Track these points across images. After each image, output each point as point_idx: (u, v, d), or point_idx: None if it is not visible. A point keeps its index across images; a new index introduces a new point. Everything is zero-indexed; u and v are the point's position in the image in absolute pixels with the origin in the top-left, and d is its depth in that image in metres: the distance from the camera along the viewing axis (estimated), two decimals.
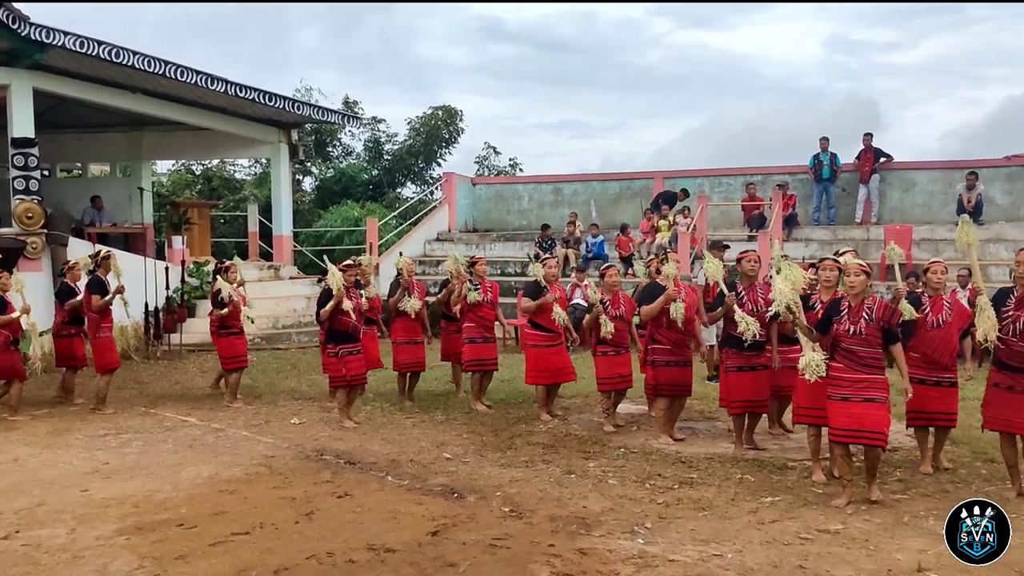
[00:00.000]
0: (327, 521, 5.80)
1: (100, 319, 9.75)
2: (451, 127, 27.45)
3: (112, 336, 10.01)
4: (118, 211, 18.38)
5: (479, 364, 9.69)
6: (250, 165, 27.87)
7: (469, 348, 9.68)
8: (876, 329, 6.12)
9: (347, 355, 8.79)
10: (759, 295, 7.60)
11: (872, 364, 6.13)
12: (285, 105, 16.71)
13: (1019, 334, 6.22)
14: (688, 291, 8.30)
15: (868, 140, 18.02)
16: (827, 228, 17.98)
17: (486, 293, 9.72)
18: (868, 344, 6.13)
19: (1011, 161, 17.52)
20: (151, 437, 8.47)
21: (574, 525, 5.69)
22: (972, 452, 7.61)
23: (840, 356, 6.24)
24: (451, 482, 6.74)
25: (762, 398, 7.69)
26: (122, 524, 5.78)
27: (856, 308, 6.21)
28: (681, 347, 8.09)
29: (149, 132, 18.74)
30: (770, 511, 6.01)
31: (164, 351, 14.12)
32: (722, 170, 20.29)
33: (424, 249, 20.13)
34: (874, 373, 6.12)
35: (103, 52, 12.79)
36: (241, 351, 10.33)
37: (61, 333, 10.33)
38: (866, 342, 6.13)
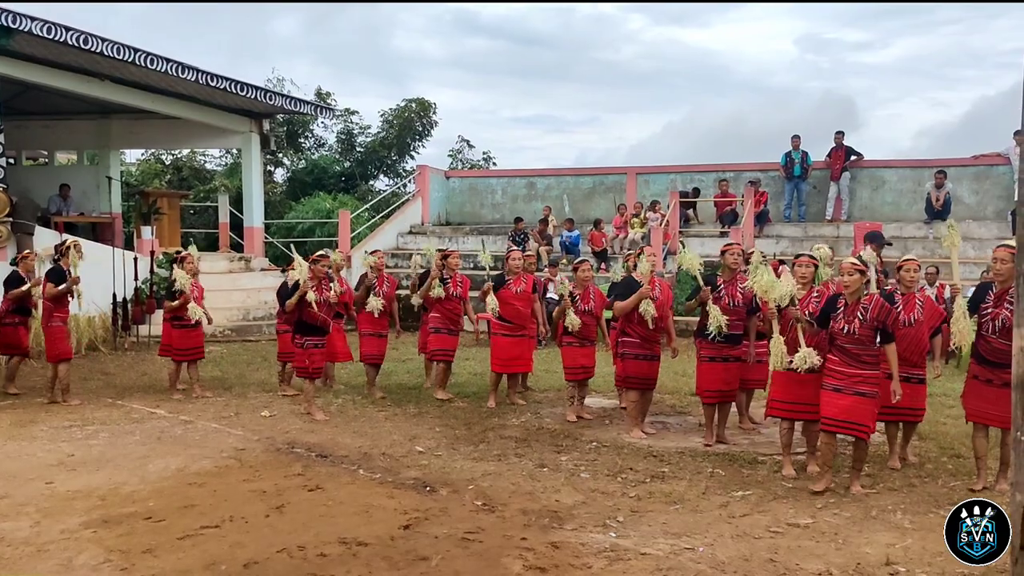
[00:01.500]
0: (298, 514, 5.75)
1: (54, 308, 9.60)
2: (425, 120, 27.37)
3: (65, 326, 9.79)
4: (86, 200, 18.11)
5: (442, 354, 9.84)
6: (221, 155, 27.65)
7: (434, 338, 9.88)
8: (869, 328, 6.21)
9: (312, 347, 8.80)
10: (738, 290, 7.65)
11: (866, 360, 6.25)
12: (257, 95, 16.54)
13: (998, 331, 6.32)
14: (663, 287, 8.33)
15: (839, 138, 18.20)
16: (798, 225, 18.14)
17: (456, 287, 9.75)
18: (861, 343, 6.24)
19: (978, 161, 17.77)
20: (118, 429, 8.35)
21: (546, 519, 5.69)
22: (939, 447, 7.71)
23: (836, 351, 6.36)
24: (423, 475, 6.71)
25: (731, 388, 7.83)
26: (88, 517, 5.69)
27: (852, 307, 6.29)
28: (650, 342, 8.13)
29: (118, 120, 18.47)
30: (741, 505, 6.04)
31: (132, 342, 13.95)
32: (694, 166, 20.40)
33: (396, 242, 20.07)
34: (867, 368, 6.24)
35: (71, 38, 12.57)
36: (196, 343, 10.15)
37: (5, 321, 10.17)
38: (859, 341, 6.24)
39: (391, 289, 10.23)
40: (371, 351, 10.03)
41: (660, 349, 8.27)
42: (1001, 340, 6.24)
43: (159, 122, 18.28)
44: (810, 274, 6.92)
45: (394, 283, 10.44)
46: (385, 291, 10.09)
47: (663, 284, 8.44)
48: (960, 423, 7.81)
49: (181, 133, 19.38)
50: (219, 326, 14.60)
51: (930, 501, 6.12)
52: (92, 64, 14.04)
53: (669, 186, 19.39)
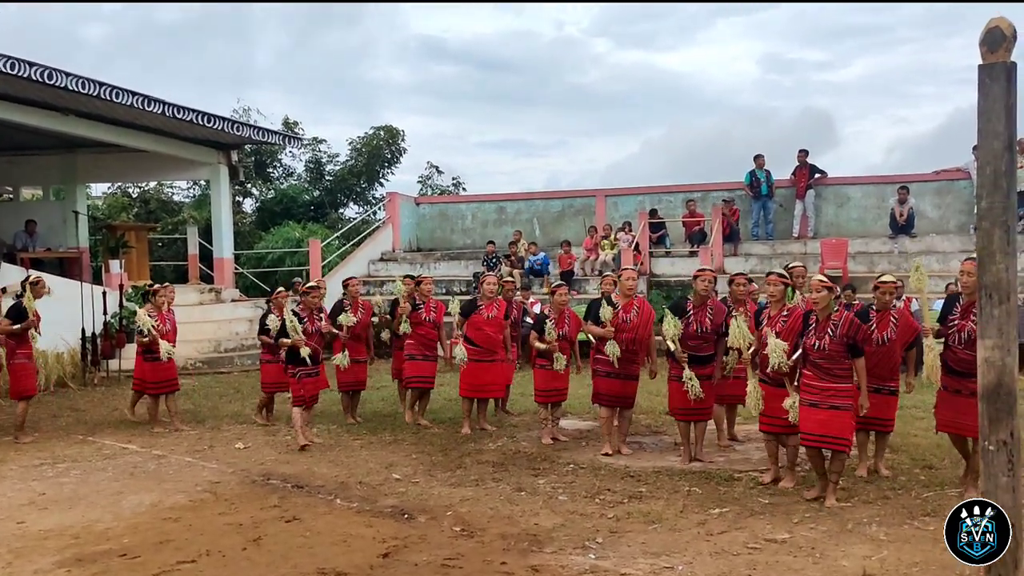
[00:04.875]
0: (276, 546, 5.71)
1: (16, 345, 9.48)
2: (393, 147, 27.41)
3: (29, 363, 9.63)
4: (52, 235, 17.90)
5: (418, 381, 9.84)
6: (188, 187, 27.46)
7: (409, 365, 9.86)
8: (840, 344, 6.31)
9: (305, 377, 8.83)
10: (707, 316, 7.70)
11: (839, 374, 6.36)
12: (224, 126, 16.49)
13: (963, 342, 6.47)
14: (642, 307, 8.34)
15: (803, 156, 18.46)
16: (766, 243, 18.34)
17: (429, 312, 9.78)
18: (832, 358, 6.35)
19: (940, 176, 18.12)
20: (90, 465, 8.24)
21: (526, 542, 5.69)
22: (911, 459, 7.80)
23: (810, 366, 6.48)
24: (401, 503, 6.69)
25: (702, 407, 7.76)
26: (61, 556, 5.61)
27: (823, 323, 6.40)
28: (623, 361, 8.19)
29: (83, 154, 18.30)
30: (718, 522, 6.08)
31: (102, 377, 13.77)
32: (662, 187, 20.60)
33: (368, 269, 20.03)
34: (841, 382, 6.35)
35: (34, 73, 12.47)
36: (169, 375, 10.07)
37: None
38: (830, 356, 6.35)
39: (366, 315, 10.21)
40: (347, 378, 9.98)
41: (637, 369, 8.30)
42: (966, 351, 6.36)
43: (125, 155, 18.12)
44: (779, 292, 7.01)
45: (369, 309, 10.42)
46: (360, 317, 10.06)
47: (643, 304, 8.44)
48: (931, 435, 7.92)
49: (148, 166, 19.23)
50: (190, 358, 14.49)
51: (904, 513, 6.19)
52: (56, 99, 13.94)
53: (637, 207, 19.56)
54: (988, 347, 3.78)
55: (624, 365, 8.19)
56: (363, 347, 10.17)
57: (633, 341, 8.17)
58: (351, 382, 10.04)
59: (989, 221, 3.78)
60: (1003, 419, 3.76)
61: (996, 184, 3.75)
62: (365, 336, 10.20)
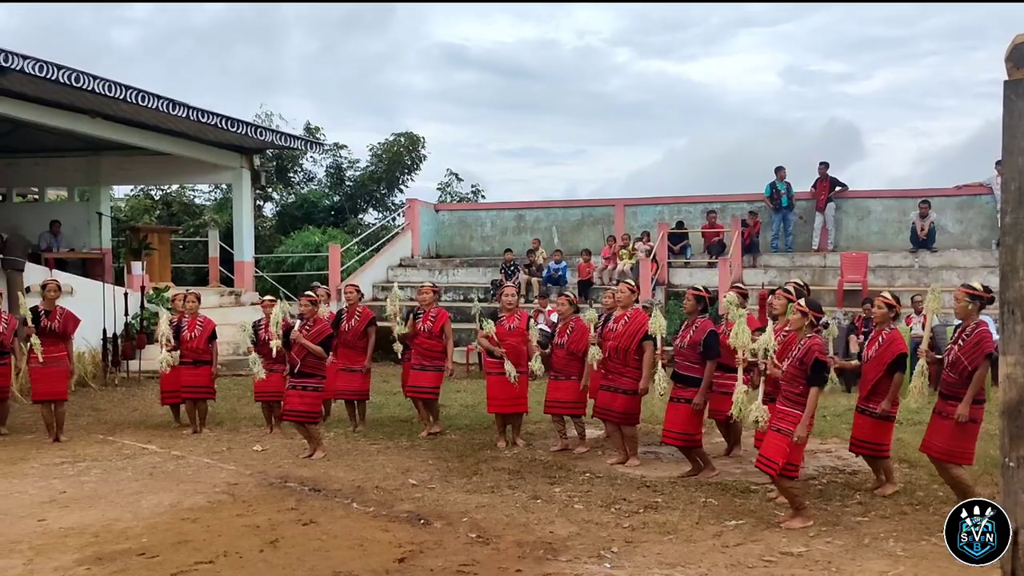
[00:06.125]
0: (292, 549, 5.75)
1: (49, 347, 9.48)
2: (413, 153, 27.47)
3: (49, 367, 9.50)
4: (76, 236, 18.12)
5: (412, 391, 9.82)
6: (210, 190, 27.64)
7: (412, 375, 9.86)
8: (797, 368, 6.22)
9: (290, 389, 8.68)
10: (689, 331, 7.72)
11: (792, 399, 6.22)
12: (248, 131, 16.65)
13: (948, 364, 6.53)
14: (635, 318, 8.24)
15: (823, 169, 18.38)
16: (785, 255, 18.28)
17: (426, 321, 9.70)
18: (789, 380, 6.27)
19: (962, 191, 17.98)
20: (110, 465, 8.32)
21: (541, 550, 5.70)
22: (929, 475, 7.72)
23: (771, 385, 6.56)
24: (417, 508, 6.71)
25: (685, 431, 7.61)
26: (81, 554, 5.67)
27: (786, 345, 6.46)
28: (612, 373, 8.23)
29: (108, 157, 18.53)
30: (734, 534, 6.06)
31: (122, 378, 13.91)
32: (682, 198, 20.55)
33: (387, 275, 20.09)
34: (792, 408, 6.19)
35: (63, 76, 12.64)
36: (189, 381, 10.09)
37: None
38: (789, 377, 6.27)
39: (360, 323, 9.99)
40: (339, 386, 9.93)
41: (627, 383, 8.15)
42: (949, 373, 6.52)
43: (149, 158, 18.34)
44: (781, 307, 7.05)
45: (366, 317, 10.06)
46: (353, 325, 9.96)
47: (634, 317, 8.25)
48: None
49: (171, 169, 19.47)
50: None
51: (922, 529, 6.15)
52: (83, 101, 14.12)
53: (657, 218, 19.55)
54: (1010, 363, 3.75)
55: (614, 377, 8.22)
56: (359, 355, 9.97)
57: (617, 350, 8.16)
58: (341, 389, 9.94)
59: (1013, 237, 3.76)
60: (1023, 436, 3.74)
61: (1020, 200, 3.74)
62: (362, 344, 10.01)
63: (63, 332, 9.62)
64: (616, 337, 8.17)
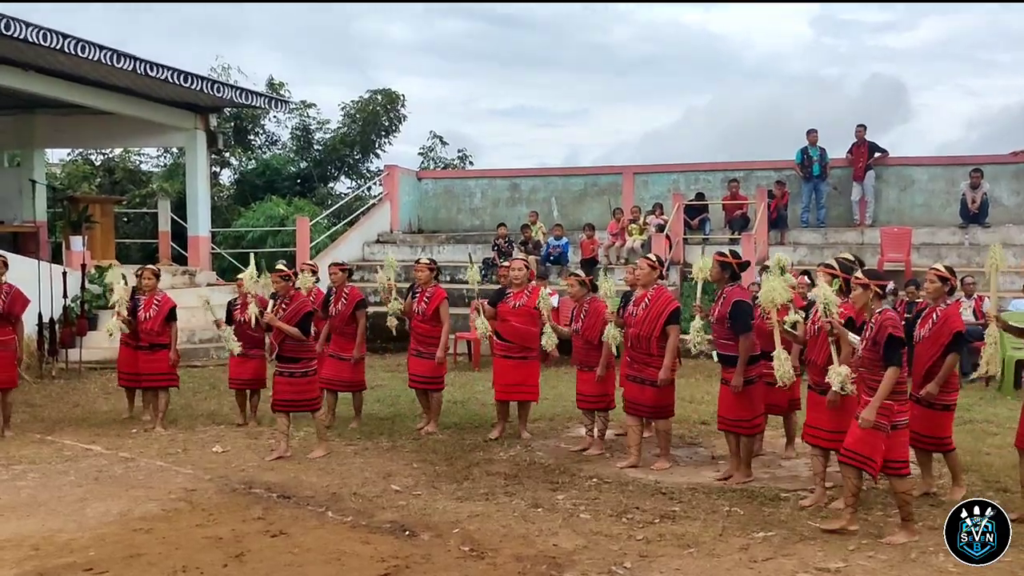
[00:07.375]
0: (260, 564, 5.76)
1: None
2: (392, 113, 27.45)
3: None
4: (5, 207, 18.05)
5: (414, 379, 9.86)
6: (159, 155, 27.59)
7: (410, 361, 9.92)
8: (872, 350, 6.23)
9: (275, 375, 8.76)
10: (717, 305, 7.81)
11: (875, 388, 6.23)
12: (203, 86, 16.54)
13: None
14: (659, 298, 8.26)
15: (861, 133, 18.35)
16: (817, 230, 18.31)
17: (421, 303, 9.70)
18: (868, 366, 6.29)
19: (1019, 158, 17.98)
20: (49, 468, 8.30)
21: (543, 565, 5.72)
22: (983, 480, 7.78)
23: None
24: (401, 518, 6.72)
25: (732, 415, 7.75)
26: (20, 569, 5.67)
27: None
28: (636, 363, 8.25)
29: (43, 116, 18.44)
30: (763, 547, 6.09)
31: (61, 369, 13.87)
32: (699, 165, 20.57)
33: (363, 252, 20.08)
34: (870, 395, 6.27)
35: None
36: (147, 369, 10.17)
37: None
38: (867, 362, 6.30)
39: (347, 306, 9.96)
40: (328, 375, 9.90)
41: (654, 374, 8.15)
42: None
43: (90, 118, 18.24)
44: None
45: (354, 298, 9.99)
46: (341, 309, 9.95)
47: (656, 297, 8.26)
48: (1006, 453, 7.91)
49: (115, 130, 19.35)
50: None
51: None
52: (14, 52, 13.99)
53: (671, 187, 19.54)
54: None
55: (638, 367, 8.24)
56: (348, 343, 9.98)
57: (639, 338, 8.18)
58: (328, 378, 9.87)
59: None
60: None
61: None
62: (350, 331, 9.99)
63: (9, 313, 9.63)
64: (637, 323, 8.15)
